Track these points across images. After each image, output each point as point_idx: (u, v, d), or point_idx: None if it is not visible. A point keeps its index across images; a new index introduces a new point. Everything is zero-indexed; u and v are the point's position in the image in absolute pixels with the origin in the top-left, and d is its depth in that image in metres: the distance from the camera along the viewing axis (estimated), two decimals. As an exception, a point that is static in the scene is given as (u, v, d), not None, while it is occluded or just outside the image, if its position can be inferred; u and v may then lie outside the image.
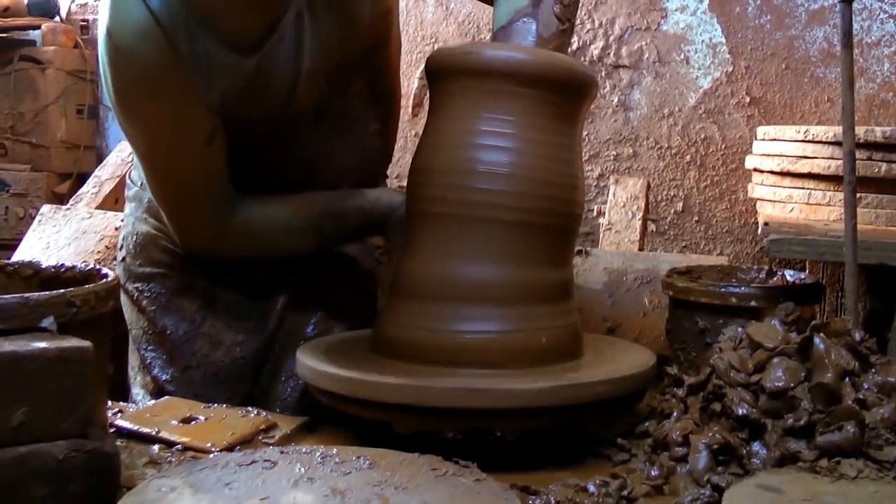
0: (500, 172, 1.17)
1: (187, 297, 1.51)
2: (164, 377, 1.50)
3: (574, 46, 3.17)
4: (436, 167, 1.21)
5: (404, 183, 1.30)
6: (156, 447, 1.11)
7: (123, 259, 1.54)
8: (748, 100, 3.08)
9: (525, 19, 1.32)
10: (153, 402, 1.34)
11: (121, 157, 2.50)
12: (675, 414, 1.09)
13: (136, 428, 1.15)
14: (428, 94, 1.29)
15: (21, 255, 2.03)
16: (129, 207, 1.57)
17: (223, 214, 1.39)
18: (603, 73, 3.19)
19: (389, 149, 1.63)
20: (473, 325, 1.16)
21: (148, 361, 1.51)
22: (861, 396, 1.01)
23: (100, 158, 3.50)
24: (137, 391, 1.52)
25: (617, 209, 2.40)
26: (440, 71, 1.24)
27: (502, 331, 1.16)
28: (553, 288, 1.22)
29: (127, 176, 1.61)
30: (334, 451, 0.96)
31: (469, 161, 1.18)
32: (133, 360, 1.55)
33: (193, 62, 1.23)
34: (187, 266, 1.50)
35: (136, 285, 1.51)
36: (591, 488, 0.98)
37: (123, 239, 1.56)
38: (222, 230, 1.40)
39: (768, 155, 2.48)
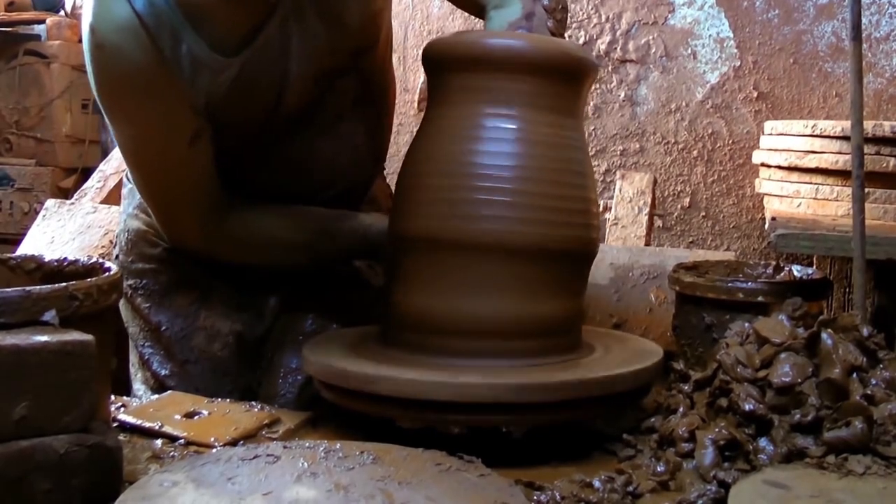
0: (504, 165, 1.16)
1: (181, 292, 1.51)
2: (163, 372, 1.50)
3: (580, 41, 3.16)
4: (434, 159, 1.20)
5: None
6: (158, 442, 1.11)
7: (117, 256, 1.54)
8: (756, 95, 3.07)
9: (518, 31, 1.33)
10: (156, 396, 1.34)
11: (126, 152, 2.50)
12: (681, 409, 1.09)
13: (138, 422, 1.15)
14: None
15: (25, 249, 2.03)
16: (123, 204, 1.57)
17: (213, 216, 1.38)
18: (610, 68, 3.17)
19: (383, 148, 1.62)
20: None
21: (146, 358, 1.51)
22: (869, 392, 1.00)
23: (105, 153, 3.49)
24: (138, 387, 1.52)
25: (623, 204, 2.40)
26: (438, 61, 1.23)
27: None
28: (561, 321, 1.20)
29: (124, 173, 1.61)
30: (338, 445, 0.96)
31: (469, 154, 1.17)
32: (133, 356, 1.55)
33: (177, 61, 1.22)
34: (179, 261, 1.49)
35: (129, 282, 1.51)
36: (597, 484, 0.97)
37: (117, 236, 1.56)
38: (212, 232, 1.39)
39: (776, 150, 2.47)
